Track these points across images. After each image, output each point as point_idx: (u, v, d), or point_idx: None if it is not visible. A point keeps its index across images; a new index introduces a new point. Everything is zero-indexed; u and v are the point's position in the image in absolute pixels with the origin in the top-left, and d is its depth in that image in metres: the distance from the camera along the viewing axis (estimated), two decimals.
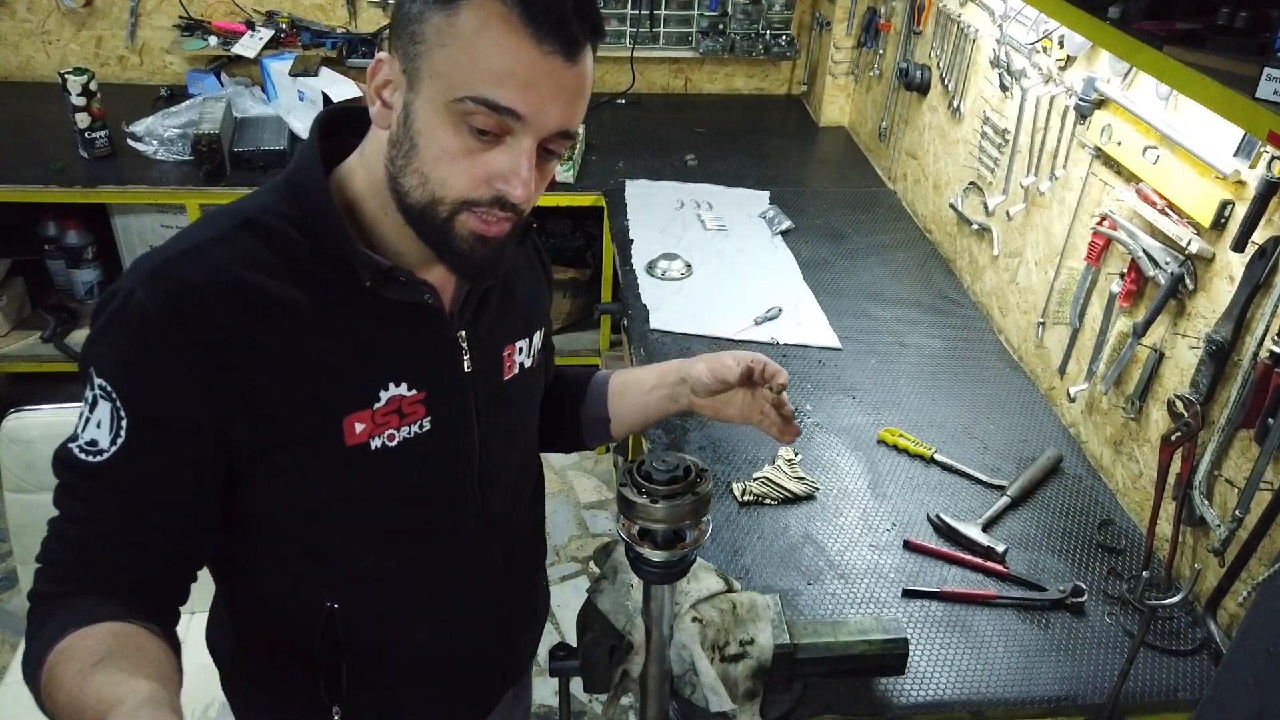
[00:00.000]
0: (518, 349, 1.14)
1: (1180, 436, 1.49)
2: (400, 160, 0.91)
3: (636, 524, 1.00)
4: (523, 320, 1.15)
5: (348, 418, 0.97)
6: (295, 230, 0.95)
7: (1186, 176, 1.56)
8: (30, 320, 3.15)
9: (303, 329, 0.94)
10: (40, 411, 1.70)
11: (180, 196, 2.73)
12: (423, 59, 0.87)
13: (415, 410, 1.01)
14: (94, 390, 0.91)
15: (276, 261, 0.94)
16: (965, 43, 2.41)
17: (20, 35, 3.21)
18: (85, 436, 0.92)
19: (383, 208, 0.96)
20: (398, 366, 1.00)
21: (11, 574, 2.67)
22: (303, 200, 0.96)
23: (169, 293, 0.89)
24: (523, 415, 1.20)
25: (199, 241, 0.93)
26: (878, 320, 2.24)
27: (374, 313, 0.98)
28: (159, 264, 0.92)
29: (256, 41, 3.14)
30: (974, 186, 2.37)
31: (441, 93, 0.87)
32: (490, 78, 0.85)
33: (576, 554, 2.88)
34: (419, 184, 0.91)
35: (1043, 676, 1.40)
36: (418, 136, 0.89)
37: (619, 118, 3.39)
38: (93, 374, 0.92)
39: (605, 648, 1.19)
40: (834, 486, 1.73)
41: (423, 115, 0.88)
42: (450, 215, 0.92)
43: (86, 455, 0.91)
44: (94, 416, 0.91)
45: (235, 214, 0.96)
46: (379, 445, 0.99)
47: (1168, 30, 1.11)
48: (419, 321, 1.01)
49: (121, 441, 0.90)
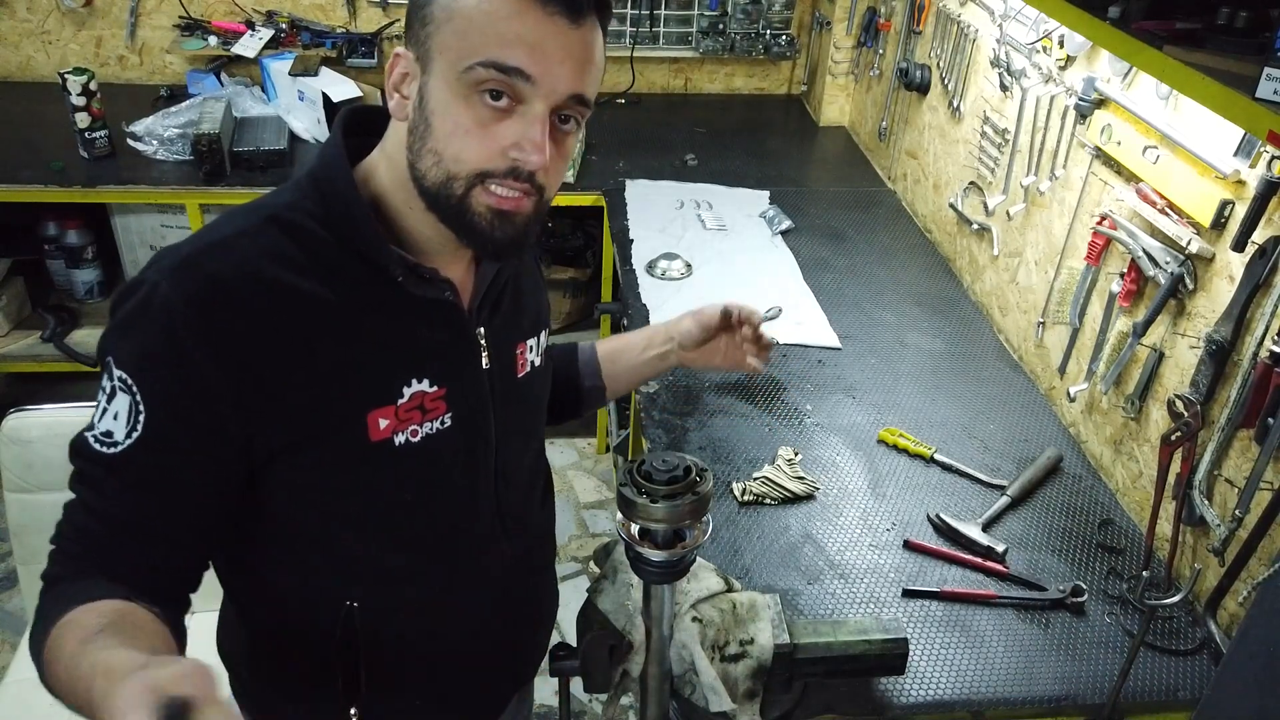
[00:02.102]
0: (529, 347, 1.15)
1: (1180, 436, 1.49)
2: (417, 144, 0.92)
3: (636, 524, 1.00)
4: (531, 319, 1.17)
5: (371, 413, 0.97)
6: (321, 227, 0.96)
7: (1186, 176, 1.56)
8: (30, 320, 3.15)
9: (328, 324, 0.94)
10: (40, 411, 1.70)
11: (180, 196, 2.73)
12: (432, 39, 0.89)
13: (437, 406, 1.02)
14: (112, 381, 0.91)
15: (302, 257, 0.94)
16: (965, 42, 2.41)
17: (20, 35, 3.21)
18: (101, 427, 0.91)
19: (407, 202, 0.97)
20: (420, 363, 1.00)
21: (11, 574, 2.67)
22: (329, 197, 0.96)
23: (195, 286, 0.89)
24: (534, 413, 1.21)
25: (225, 235, 0.93)
26: (878, 320, 2.24)
27: (397, 309, 0.99)
28: (185, 257, 0.91)
29: (256, 41, 3.14)
30: (974, 186, 2.37)
31: (451, 66, 0.88)
32: (496, 40, 0.86)
33: (576, 554, 2.88)
34: (434, 163, 0.91)
35: (1043, 676, 1.40)
36: (432, 116, 0.90)
37: (619, 118, 3.39)
38: (111, 365, 0.91)
39: (605, 648, 1.19)
40: (834, 486, 1.73)
41: (435, 94, 0.90)
42: (466, 191, 0.92)
43: (101, 445, 0.91)
44: (111, 407, 0.91)
45: (261, 210, 0.96)
46: (402, 441, 1.00)
47: (1167, 30, 1.11)
48: (441, 319, 1.02)
49: (137, 435, 0.90)
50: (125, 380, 0.90)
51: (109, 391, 0.91)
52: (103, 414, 0.91)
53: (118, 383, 0.90)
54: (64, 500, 0.96)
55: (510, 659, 1.26)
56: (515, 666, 1.28)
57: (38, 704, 1.74)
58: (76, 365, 2.99)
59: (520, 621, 1.24)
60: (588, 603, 1.23)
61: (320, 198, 0.97)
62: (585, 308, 3.40)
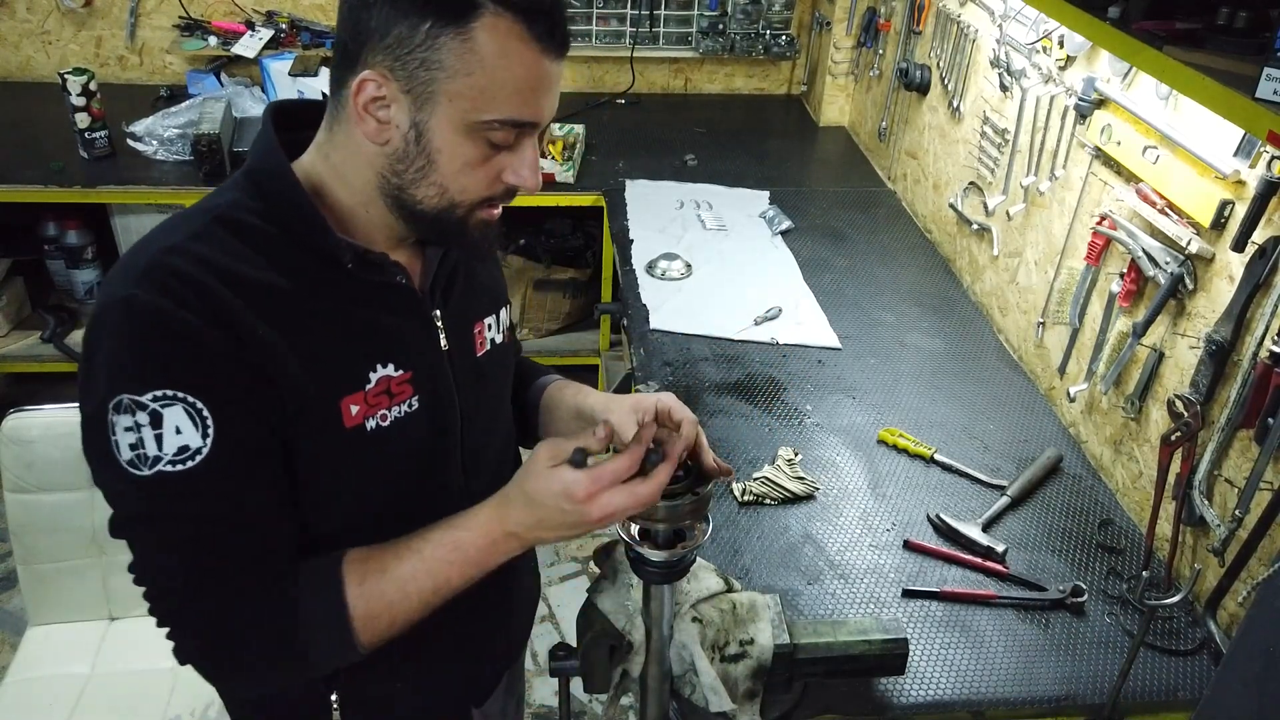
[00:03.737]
0: (487, 325, 1.17)
1: (1180, 436, 1.49)
2: (412, 174, 0.95)
3: (637, 524, 1.00)
4: (488, 297, 1.18)
5: (344, 400, 0.98)
6: (265, 223, 0.96)
7: (1186, 176, 1.56)
8: (30, 320, 3.16)
9: (292, 315, 0.95)
10: (40, 412, 1.70)
11: (180, 196, 2.73)
12: (439, 83, 0.90)
13: (403, 390, 1.03)
14: (145, 410, 0.87)
15: (253, 253, 0.94)
16: (965, 43, 2.41)
17: (20, 35, 3.21)
18: (169, 452, 0.88)
19: (363, 203, 0.99)
20: (383, 348, 1.01)
21: (11, 574, 2.67)
22: (270, 193, 0.97)
23: (170, 284, 0.89)
24: (499, 391, 1.22)
25: (177, 241, 0.92)
26: (877, 320, 2.24)
27: (353, 296, 1.00)
28: (147, 265, 0.90)
29: (256, 41, 3.14)
30: (974, 186, 2.37)
31: (464, 114, 0.91)
32: (514, 98, 0.91)
33: (576, 554, 2.88)
34: (437, 194, 0.95)
35: (1043, 676, 1.40)
36: (436, 154, 0.93)
37: (619, 118, 3.39)
38: (132, 398, 0.87)
39: (605, 648, 1.19)
40: (834, 486, 1.73)
41: (440, 134, 0.92)
42: (466, 214, 0.98)
43: (180, 465, 0.88)
44: (165, 430, 0.88)
45: (204, 213, 0.96)
46: (373, 426, 1.00)
47: (1167, 30, 1.11)
48: (396, 303, 1.03)
49: (213, 428, 0.89)
50: (165, 395, 0.87)
51: (150, 418, 0.87)
52: (160, 440, 0.88)
53: (155, 404, 0.87)
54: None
55: (491, 640, 1.26)
56: (498, 647, 1.28)
57: (38, 704, 1.75)
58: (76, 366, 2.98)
59: (501, 600, 1.24)
60: (588, 603, 1.23)
61: (261, 194, 0.97)
62: (585, 308, 3.40)
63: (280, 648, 0.95)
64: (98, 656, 1.79)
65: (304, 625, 0.94)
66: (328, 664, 0.99)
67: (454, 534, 0.98)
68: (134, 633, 1.84)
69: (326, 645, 0.96)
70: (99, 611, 1.84)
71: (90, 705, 1.72)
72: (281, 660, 0.96)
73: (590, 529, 0.95)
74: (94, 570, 1.80)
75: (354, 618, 0.95)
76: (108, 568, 1.80)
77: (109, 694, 1.74)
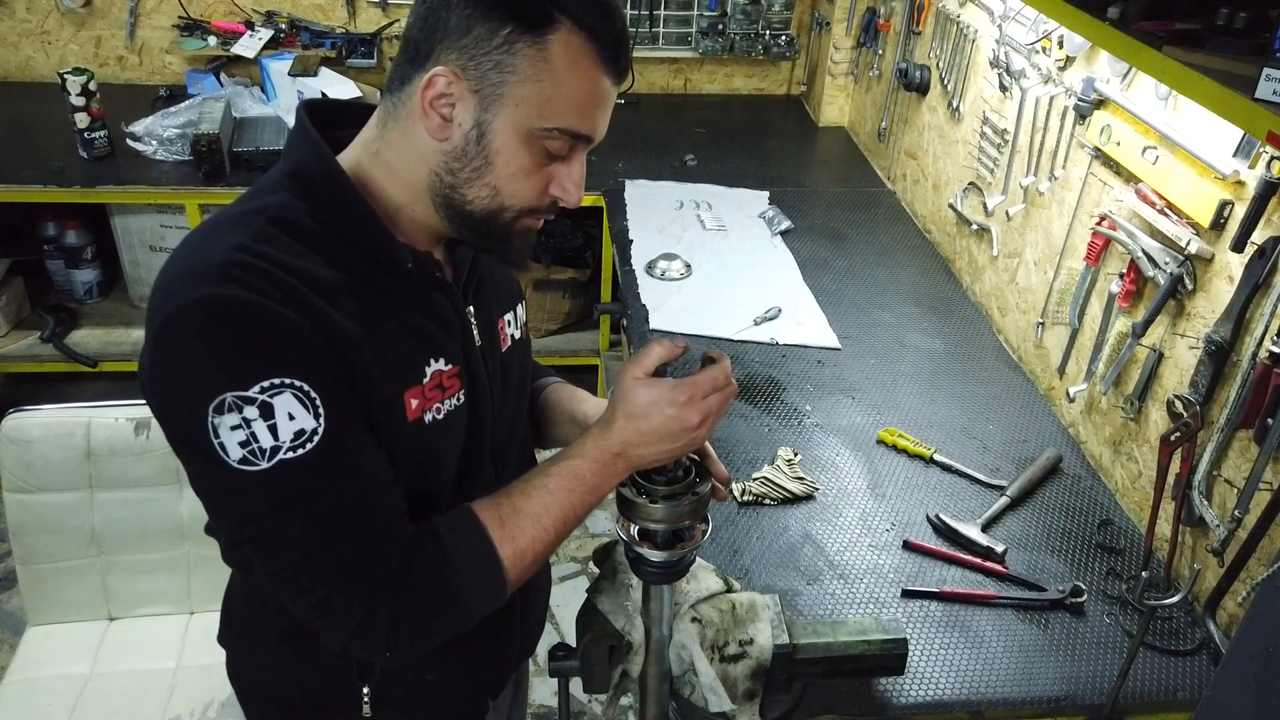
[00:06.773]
0: (507, 321, 1.18)
1: (1180, 436, 1.49)
2: (467, 174, 0.96)
3: (636, 524, 1.00)
4: (506, 293, 1.20)
5: (406, 393, 1.00)
6: (316, 223, 0.97)
7: (1186, 177, 1.56)
8: (30, 320, 3.16)
9: (355, 311, 0.96)
10: (40, 411, 1.71)
11: (180, 196, 2.73)
12: (508, 86, 0.92)
13: (453, 384, 1.05)
14: (253, 404, 0.87)
15: (313, 253, 0.95)
16: (965, 43, 2.41)
17: (20, 35, 3.21)
18: (286, 439, 0.88)
19: (409, 202, 1.00)
20: (434, 342, 1.03)
21: (11, 574, 2.66)
22: (321, 193, 0.98)
23: (249, 279, 0.88)
24: (520, 386, 1.23)
25: (242, 240, 0.92)
26: (877, 320, 2.24)
27: (404, 294, 1.01)
28: (217, 265, 0.89)
29: (256, 41, 3.14)
30: (973, 186, 2.37)
31: (526, 120, 0.93)
32: (577, 110, 0.95)
33: (576, 554, 2.88)
34: (489, 195, 0.98)
35: (1042, 676, 1.40)
36: (495, 156, 0.95)
37: (619, 118, 3.33)
38: (240, 393, 0.87)
39: (605, 648, 1.19)
40: (833, 486, 1.73)
41: (501, 136, 0.94)
42: (513, 219, 1.00)
43: (301, 449, 0.89)
44: (279, 418, 0.88)
45: (259, 214, 0.96)
46: (430, 419, 1.02)
47: (1167, 30, 1.11)
48: (439, 299, 1.05)
49: (324, 407, 0.90)
50: (272, 384, 0.87)
51: (260, 411, 0.87)
52: (272, 430, 0.88)
53: (264, 397, 0.87)
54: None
55: (516, 632, 1.28)
56: (519, 640, 1.29)
57: (37, 704, 1.75)
58: (76, 365, 2.99)
59: (525, 593, 1.24)
60: (587, 603, 1.23)
61: (309, 195, 0.98)
62: (585, 308, 3.40)
63: (445, 604, 0.97)
64: (97, 656, 1.79)
65: (459, 574, 0.97)
66: (481, 610, 1.00)
67: (569, 464, 1.01)
68: (133, 633, 1.83)
69: (480, 591, 0.99)
70: (98, 611, 1.84)
71: (90, 705, 1.71)
72: (448, 615, 0.98)
73: (690, 436, 0.98)
74: (93, 570, 1.79)
75: (503, 558, 0.98)
76: (107, 568, 1.80)
77: (108, 694, 1.73)
